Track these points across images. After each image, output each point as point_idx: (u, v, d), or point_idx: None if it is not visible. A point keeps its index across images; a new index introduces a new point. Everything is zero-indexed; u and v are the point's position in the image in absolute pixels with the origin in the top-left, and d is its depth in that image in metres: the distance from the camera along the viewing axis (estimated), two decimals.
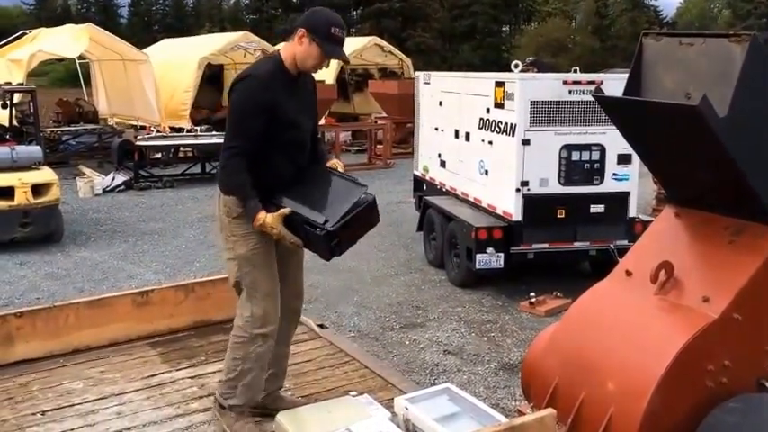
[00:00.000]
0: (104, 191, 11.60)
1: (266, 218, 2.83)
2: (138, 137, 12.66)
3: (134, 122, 15.79)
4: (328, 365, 3.70)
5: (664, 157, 3.25)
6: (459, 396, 3.07)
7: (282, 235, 2.84)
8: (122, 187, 11.85)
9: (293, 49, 2.91)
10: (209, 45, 18.29)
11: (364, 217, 2.91)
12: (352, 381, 3.55)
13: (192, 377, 3.50)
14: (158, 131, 13.88)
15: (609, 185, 6.39)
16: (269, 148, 2.89)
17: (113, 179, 11.97)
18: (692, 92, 2.90)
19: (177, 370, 3.56)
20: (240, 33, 18.69)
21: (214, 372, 3.51)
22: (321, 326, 4.14)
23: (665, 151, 3.18)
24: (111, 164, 12.85)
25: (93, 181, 11.72)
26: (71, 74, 26.75)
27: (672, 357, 2.76)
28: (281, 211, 2.83)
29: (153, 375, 3.50)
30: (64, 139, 14.71)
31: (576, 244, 6.38)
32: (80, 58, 17.11)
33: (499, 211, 6.48)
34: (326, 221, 2.79)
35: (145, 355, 3.69)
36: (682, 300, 2.99)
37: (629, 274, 3.31)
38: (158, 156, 12.61)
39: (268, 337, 2.96)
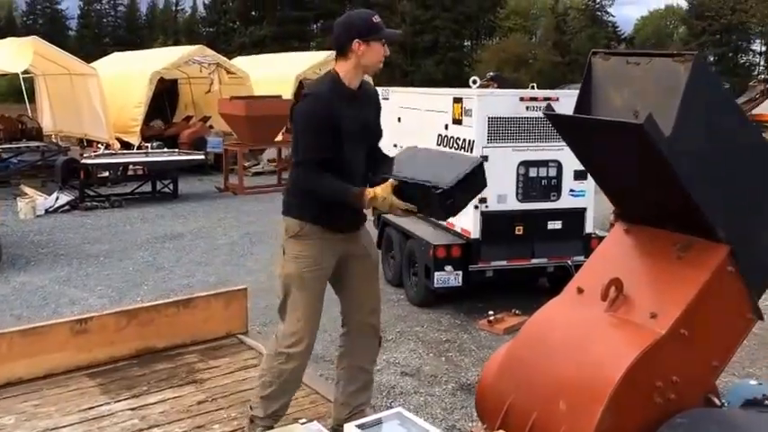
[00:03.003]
0: (47, 211, 11.14)
1: (375, 190, 2.87)
2: (85, 155, 12.33)
3: (81, 138, 15.35)
4: None
5: (612, 175, 3.24)
6: (410, 420, 2.99)
7: (395, 203, 2.87)
8: (66, 207, 11.41)
9: (353, 63, 2.96)
10: (162, 59, 17.83)
11: (476, 177, 3.00)
12: (302, 407, 3.45)
13: (132, 409, 3.36)
14: (106, 148, 13.52)
15: (566, 201, 6.41)
16: (330, 162, 2.94)
17: (57, 199, 11.51)
18: (639, 110, 2.89)
19: (116, 402, 3.41)
20: (195, 47, 18.21)
21: (156, 402, 3.37)
22: None
23: (614, 168, 3.17)
24: (56, 183, 12.46)
25: (35, 201, 11.24)
26: (14, 89, 25.91)
27: (620, 375, 2.72)
28: (390, 181, 2.88)
29: (90, 408, 3.36)
30: (4, 157, 14.15)
31: (534, 261, 6.38)
32: (24, 72, 16.67)
33: (458, 229, 6.45)
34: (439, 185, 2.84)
35: (82, 387, 3.53)
36: (631, 316, 2.96)
37: (580, 291, 3.27)
38: (106, 174, 12.28)
39: (292, 358, 2.98)
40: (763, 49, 52.02)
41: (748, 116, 21.78)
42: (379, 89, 8.81)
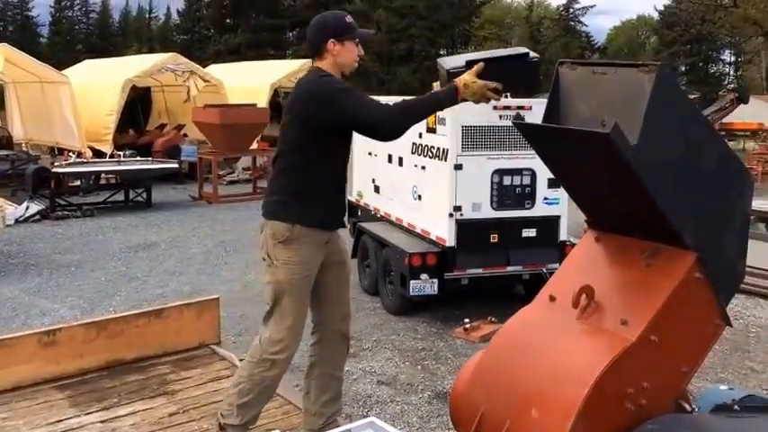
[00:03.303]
0: (17, 221, 10.95)
1: (464, 78, 2.89)
2: (56, 163, 12.16)
3: (52, 147, 15.14)
4: None
5: (581, 184, 3.27)
6: (384, 430, 2.99)
7: (483, 85, 2.91)
8: (37, 217, 11.26)
9: (330, 63, 2.98)
10: (135, 66, 17.73)
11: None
12: (275, 418, 3.43)
13: (102, 421, 3.31)
14: (78, 157, 13.36)
15: (540, 209, 6.45)
16: (322, 159, 2.97)
17: (27, 208, 11.35)
18: (606, 120, 2.93)
19: (86, 414, 3.36)
20: (169, 54, 18.13)
21: (126, 415, 3.33)
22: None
23: (583, 177, 3.20)
24: (26, 192, 12.26)
25: (4, 211, 10.87)
26: None
27: (592, 382, 2.74)
28: (475, 67, 2.92)
29: (59, 421, 3.30)
30: None
31: (510, 268, 6.41)
32: None
33: (433, 237, 6.46)
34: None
35: (51, 399, 3.47)
36: (602, 324, 2.99)
37: (552, 299, 3.29)
38: (77, 183, 12.13)
39: (276, 365, 2.96)
40: (733, 59, 53.12)
41: (718, 125, 22.25)
42: None
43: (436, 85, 6.92)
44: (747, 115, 25.04)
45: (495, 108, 6.34)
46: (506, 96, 2.97)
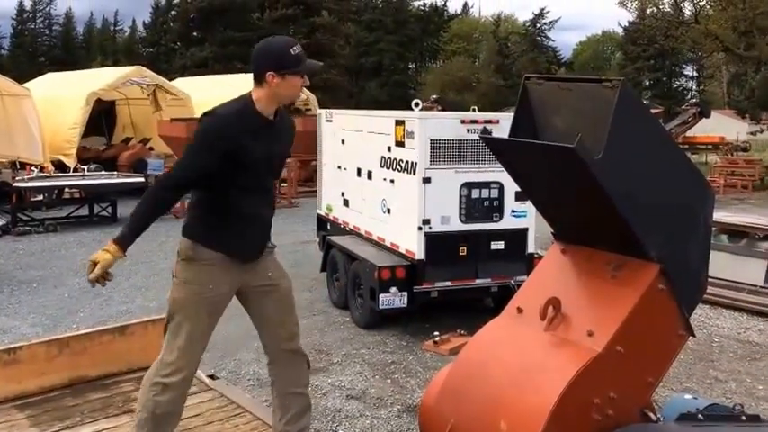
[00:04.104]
0: None
1: (106, 252, 2.87)
2: (17, 177, 11.91)
3: (13, 161, 14.80)
4: (218, 419, 3.51)
5: (548, 196, 3.32)
6: None
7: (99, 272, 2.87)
8: None
9: (266, 92, 2.84)
10: (99, 79, 17.53)
11: None
12: None
13: None
14: (41, 171, 13.10)
15: (508, 222, 6.51)
16: (229, 187, 2.83)
17: None
18: (572, 134, 2.98)
19: None
20: (134, 68, 17.93)
21: None
22: (212, 377, 3.94)
23: (549, 190, 3.25)
24: None
25: None
26: None
27: (560, 393, 2.77)
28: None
29: None
30: None
31: (478, 281, 6.44)
32: None
33: (402, 250, 6.47)
34: None
35: (11, 419, 3.37)
36: (569, 335, 3.02)
37: (520, 311, 3.32)
38: (40, 197, 11.89)
39: (168, 389, 2.82)
40: (695, 74, 54.47)
41: (681, 138, 22.74)
42: (322, 112, 8.86)
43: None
44: (709, 129, 25.68)
45: (462, 122, 6.42)
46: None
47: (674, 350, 3.16)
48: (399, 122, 6.54)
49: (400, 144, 6.53)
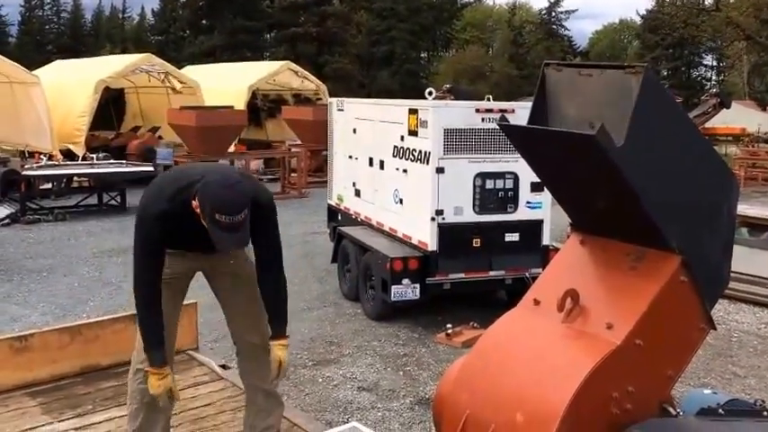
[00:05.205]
0: None
1: (156, 379, 2.72)
2: (26, 166, 11.91)
3: (22, 149, 14.84)
4: (229, 409, 3.49)
5: (567, 185, 3.24)
6: None
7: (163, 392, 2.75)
8: (7, 221, 10.98)
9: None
10: (107, 67, 17.41)
11: None
12: None
13: (76, 429, 3.22)
14: (49, 159, 13.07)
15: (523, 213, 6.43)
16: None
17: None
18: (593, 121, 2.91)
19: (60, 421, 3.26)
20: (143, 55, 17.86)
21: (102, 421, 3.24)
22: (224, 366, 3.91)
23: (568, 179, 3.17)
24: None
25: None
26: None
27: (577, 386, 2.71)
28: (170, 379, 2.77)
29: (32, 428, 3.21)
30: None
31: (492, 273, 6.38)
32: None
33: (414, 241, 6.42)
34: None
35: (23, 407, 3.36)
36: (587, 327, 2.96)
37: (536, 302, 3.26)
38: (49, 186, 11.87)
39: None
40: (715, 63, 53.65)
41: (701, 130, 22.43)
42: (333, 100, 8.78)
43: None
44: (730, 120, 25.34)
45: (477, 111, 6.34)
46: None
47: (694, 344, 3.08)
48: (413, 111, 6.47)
49: (413, 133, 6.46)
